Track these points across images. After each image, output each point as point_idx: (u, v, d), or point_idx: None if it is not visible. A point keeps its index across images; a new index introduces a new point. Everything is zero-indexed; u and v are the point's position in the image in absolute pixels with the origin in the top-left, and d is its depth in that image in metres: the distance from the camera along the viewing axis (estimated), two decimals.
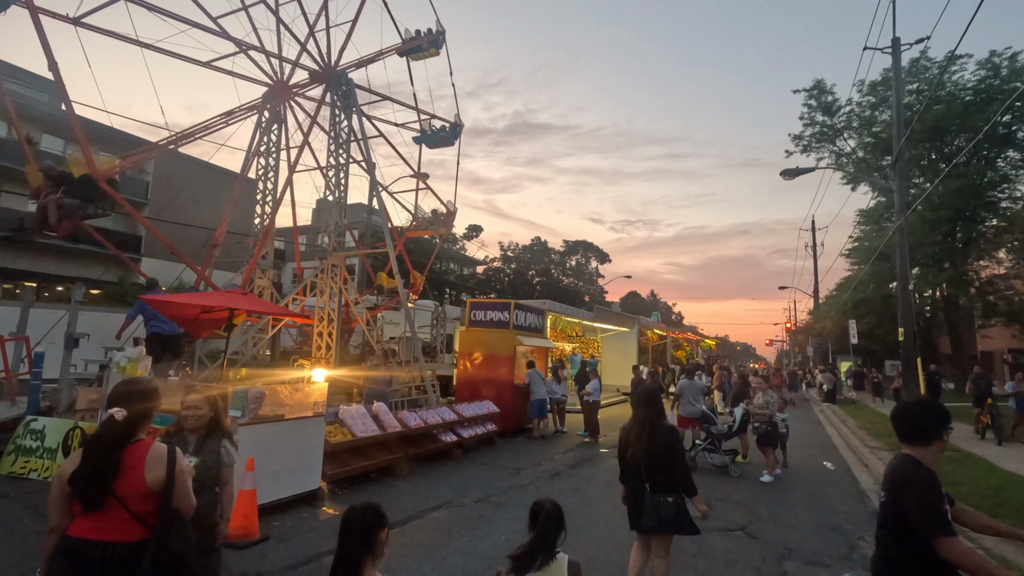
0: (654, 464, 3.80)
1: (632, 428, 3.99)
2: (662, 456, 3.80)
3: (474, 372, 12.40)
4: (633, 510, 3.92)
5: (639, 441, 3.85)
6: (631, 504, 3.95)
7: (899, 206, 15.03)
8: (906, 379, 14.50)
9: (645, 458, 3.80)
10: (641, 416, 3.97)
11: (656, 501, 3.75)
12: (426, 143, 17.92)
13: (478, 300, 12.85)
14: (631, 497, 3.95)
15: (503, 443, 11.29)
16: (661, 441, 3.83)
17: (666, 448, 3.83)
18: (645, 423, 3.91)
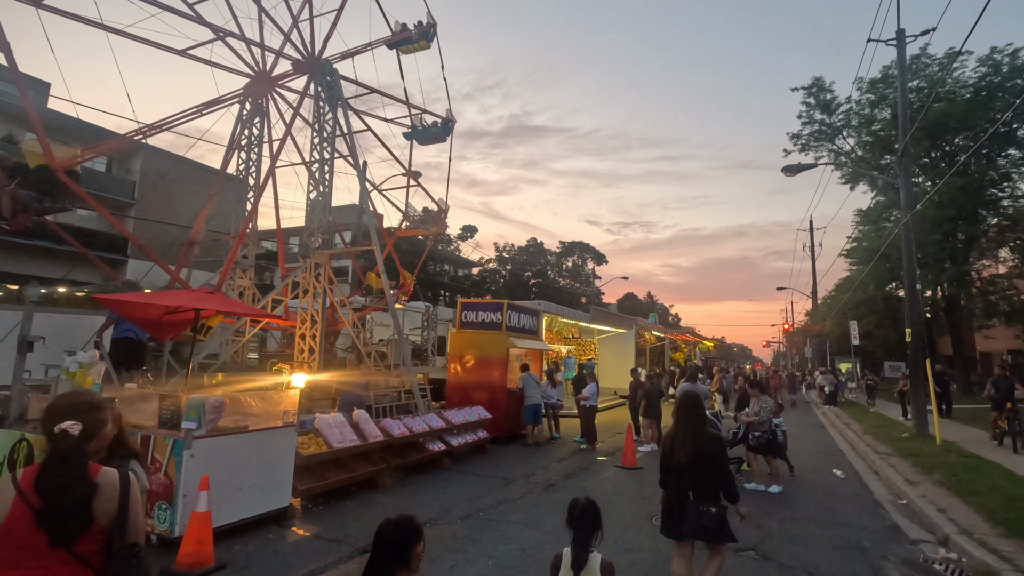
0: (698, 472, 3.80)
1: (677, 435, 3.97)
2: (707, 464, 3.82)
3: (465, 376, 11.84)
4: (672, 517, 3.89)
5: (684, 447, 3.84)
6: (671, 510, 3.92)
7: (905, 202, 14.56)
8: (913, 381, 14.01)
9: (689, 465, 3.80)
10: (685, 423, 3.97)
11: (698, 510, 3.74)
12: (417, 139, 17.37)
13: (470, 301, 12.30)
14: (671, 503, 3.93)
15: (496, 451, 10.72)
16: (707, 450, 3.84)
17: (711, 457, 3.85)
18: (689, 430, 3.91)
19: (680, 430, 3.96)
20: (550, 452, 10.92)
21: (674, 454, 3.90)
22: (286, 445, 5.87)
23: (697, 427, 3.93)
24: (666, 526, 3.94)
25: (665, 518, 3.97)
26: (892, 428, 15.45)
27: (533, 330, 13.37)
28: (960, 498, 7.56)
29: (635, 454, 9.88)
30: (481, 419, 10.33)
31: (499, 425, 11.34)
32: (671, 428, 4.11)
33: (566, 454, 10.81)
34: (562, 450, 11.20)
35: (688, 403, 4.07)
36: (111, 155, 30.91)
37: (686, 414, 4.01)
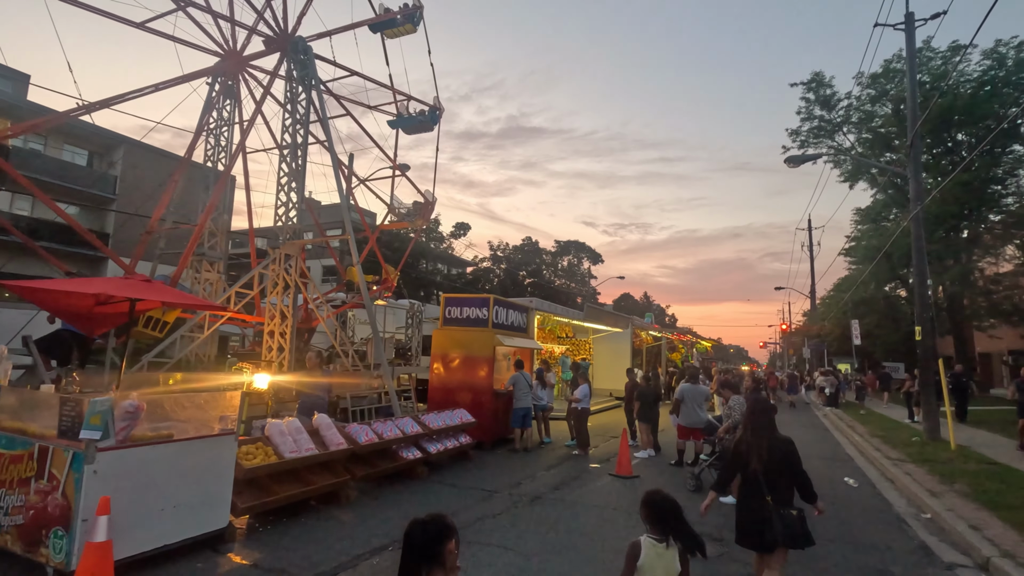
0: (776, 477, 3.77)
1: (751, 442, 3.92)
2: (784, 468, 3.81)
3: (449, 376, 11.01)
4: (752, 525, 3.79)
5: (759, 454, 3.81)
6: (750, 518, 3.81)
7: (915, 193, 13.83)
8: (924, 382, 13.26)
9: (766, 471, 3.77)
10: (757, 430, 3.95)
11: (782, 515, 3.68)
12: (402, 127, 16.55)
13: (454, 296, 11.48)
14: (751, 512, 3.83)
15: (480, 457, 9.90)
16: (782, 453, 3.83)
17: (787, 460, 3.84)
18: (763, 436, 3.89)
19: (753, 437, 3.92)
20: (539, 459, 10.11)
21: (749, 462, 3.84)
22: (224, 456, 5.03)
23: (771, 433, 3.94)
24: (746, 533, 3.83)
25: (744, 526, 3.86)
26: (900, 431, 14.71)
27: (523, 328, 12.56)
28: (992, 512, 6.79)
29: (631, 461, 9.07)
30: (464, 423, 9.51)
31: (485, 429, 10.52)
32: (740, 435, 4.08)
33: (556, 461, 10.00)
34: (552, 456, 10.39)
35: (759, 409, 4.06)
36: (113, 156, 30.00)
37: (758, 420, 3.99)
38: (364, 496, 6.99)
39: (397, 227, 16.01)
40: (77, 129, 26.84)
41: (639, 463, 10.08)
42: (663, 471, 9.44)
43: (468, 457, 9.60)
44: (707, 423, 8.40)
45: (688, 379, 10.40)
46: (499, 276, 45.16)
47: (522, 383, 10.66)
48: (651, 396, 11.03)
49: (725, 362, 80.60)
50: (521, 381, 10.68)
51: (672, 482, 8.55)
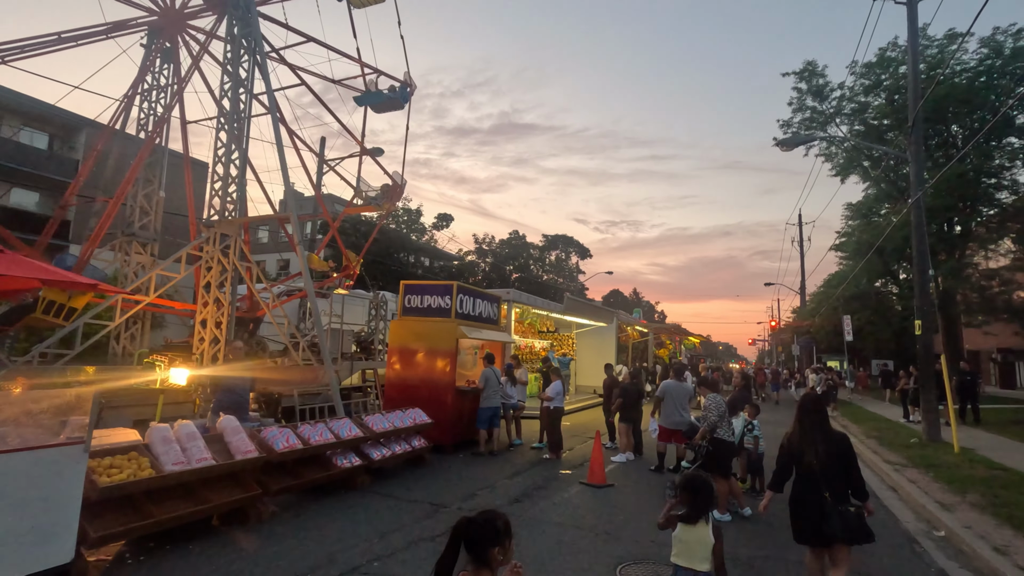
0: (833, 472, 3.75)
1: (802, 436, 3.94)
2: (840, 463, 3.79)
3: (407, 372, 9.93)
4: (809, 521, 3.78)
5: (814, 449, 3.81)
6: (807, 514, 3.80)
7: (915, 177, 12.92)
8: (923, 379, 12.39)
9: (823, 467, 3.75)
10: (809, 425, 3.95)
11: (839, 511, 3.68)
12: (370, 104, 15.36)
13: (414, 283, 10.38)
14: (806, 507, 3.81)
15: (438, 463, 8.83)
16: (839, 449, 3.83)
17: (843, 456, 3.83)
18: (817, 432, 3.89)
19: (806, 433, 3.92)
20: (504, 464, 9.06)
21: (803, 457, 3.85)
22: (66, 472, 3.92)
23: (825, 428, 3.94)
24: (802, 530, 3.84)
25: (801, 523, 3.86)
26: (896, 432, 13.83)
27: (492, 319, 11.49)
28: (1017, 531, 5.85)
29: (605, 467, 8.05)
30: (418, 424, 8.43)
31: (445, 430, 9.46)
32: (792, 431, 4.07)
33: (523, 466, 8.95)
34: (519, 461, 9.35)
35: (811, 406, 4.06)
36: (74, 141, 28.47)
37: (810, 417, 3.99)
38: (286, 512, 5.91)
39: (363, 211, 14.88)
40: (35, 110, 25.38)
41: (615, 468, 9.07)
42: (641, 479, 8.43)
43: (423, 463, 8.53)
44: (689, 425, 7.39)
45: (674, 375, 9.40)
46: (484, 270, 44.04)
47: (492, 380, 9.61)
48: (634, 394, 10.03)
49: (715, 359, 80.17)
50: (492, 378, 9.63)
51: (650, 492, 7.55)
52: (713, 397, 6.66)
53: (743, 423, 7.09)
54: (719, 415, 6.49)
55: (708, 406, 6.57)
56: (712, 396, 6.68)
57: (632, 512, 6.64)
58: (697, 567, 3.07)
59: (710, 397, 6.68)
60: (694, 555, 3.10)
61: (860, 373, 25.65)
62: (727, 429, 6.61)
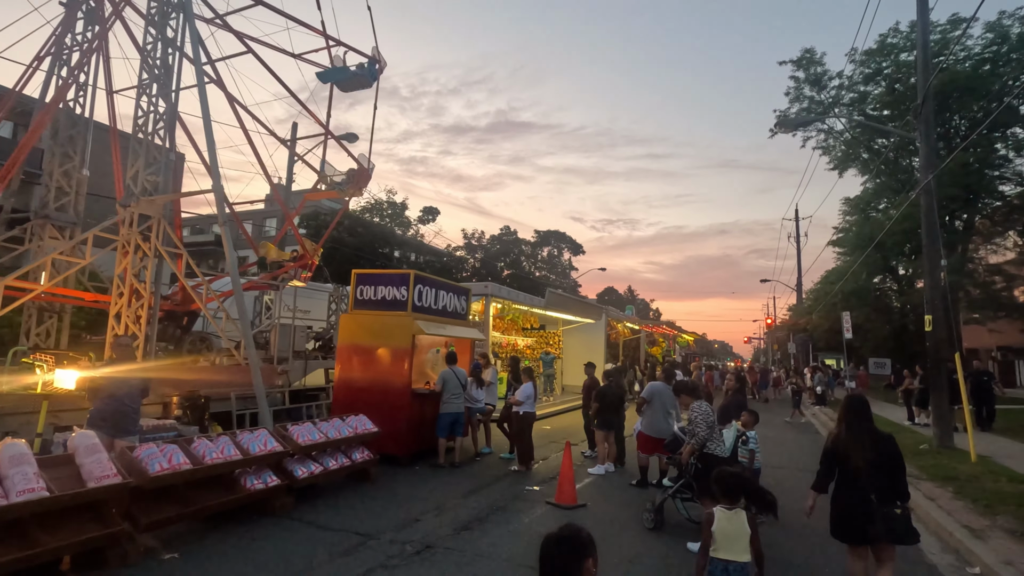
0: (880, 474, 3.70)
1: (849, 437, 3.85)
2: (888, 465, 3.75)
3: (357, 373, 8.77)
4: (854, 522, 3.72)
5: (863, 452, 3.73)
6: (852, 515, 3.73)
7: (925, 160, 11.84)
8: (934, 379, 11.32)
9: (870, 468, 3.70)
10: (858, 426, 3.87)
11: (884, 513, 3.62)
12: (335, 81, 14.18)
13: (366, 272, 9.22)
14: (851, 508, 3.73)
15: (387, 478, 7.68)
16: (887, 450, 3.79)
17: (893, 457, 3.79)
18: (865, 433, 3.84)
19: (853, 434, 3.84)
20: (464, 478, 7.91)
21: (849, 459, 3.77)
22: None
23: (872, 429, 3.88)
24: (845, 530, 3.78)
25: (844, 523, 3.78)
26: (903, 437, 12.74)
27: (460, 313, 10.34)
28: None
29: (579, 482, 6.91)
30: (361, 433, 7.28)
31: (399, 440, 8.32)
32: (838, 432, 3.97)
33: (486, 480, 7.81)
34: (484, 474, 8.20)
35: (857, 406, 3.97)
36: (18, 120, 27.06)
37: (858, 417, 3.90)
38: (170, 549, 4.75)
39: (325, 197, 13.71)
40: None
41: (591, 483, 7.95)
42: (619, 496, 7.31)
43: (367, 478, 7.38)
44: (673, 436, 6.26)
45: (664, 376, 8.26)
46: (474, 265, 42.86)
47: (453, 382, 8.45)
48: (613, 397, 8.91)
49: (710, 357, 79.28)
50: (452, 379, 8.47)
51: (628, 514, 6.43)
52: (699, 406, 5.53)
53: (735, 433, 5.97)
54: (708, 428, 5.37)
55: (695, 418, 5.45)
56: (698, 405, 5.55)
57: (604, 540, 5.52)
58: (737, 558, 3.22)
59: (696, 406, 5.55)
60: (734, 546, 3.25)
61: (860, 372, 24.59)
62: (718, 442, 5.50)
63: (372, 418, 8.11)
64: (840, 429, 3.94)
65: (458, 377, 8.42)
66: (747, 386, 18.52)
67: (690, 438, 5.49)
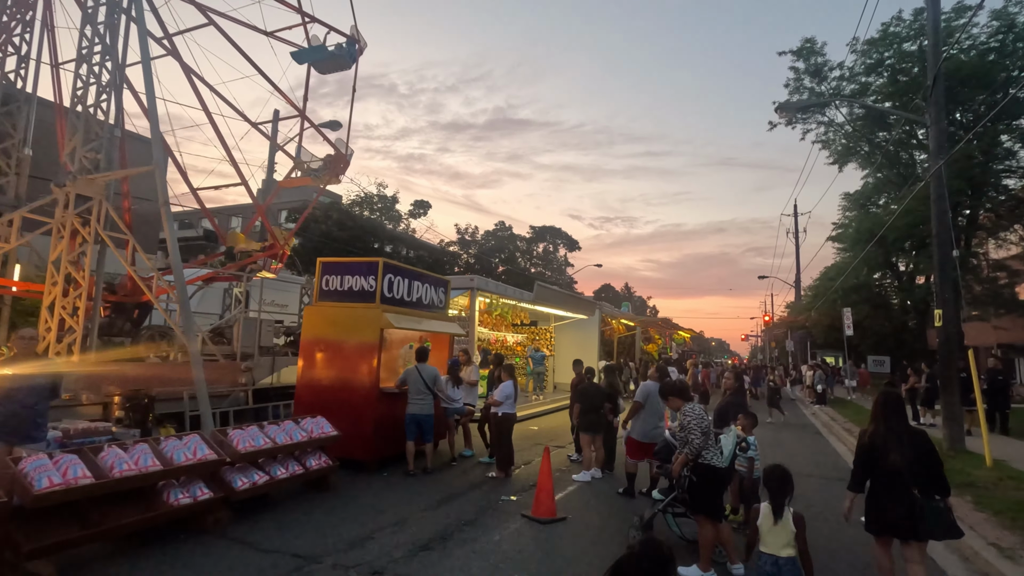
0: (918, 469, 3.69)
1: (887, 434, 3.83)
2: (925, 462, 3.72)
3: (321, 371, 8.03)
4: (899, 519, 3.66)
5: (901, 449, 3.73)
6: (896, 511, 3.67)
7: (935, 144, 11.14)
8: (944, 377, 10.62)
9: (910, 466, 3.69)
10: (895, 424, 3.87)
11: (932, 507, 3.63)
12: (312, 62, 13.41)
13: (333, 260, 8.50)
14: (894, 505, 3.69)
15: (350, 486, 6.96)
16: (925, 448, 3.77)
17: (930, 453, 3.76)
18: (903, 431, 3.84)
19: (891, 431, 3.83)
20: (435, 486, 7.19)
21: (888, 456, 3.74)
22: None
23: (907, 426, 3.90)
24: (885, 526, 3.77)
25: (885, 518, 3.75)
26: None
27: (437, 306, 9.61)
28: None
29: (562, 491, 6.19)
30: (317, 438, 6.55)
31: (366, 444, 7.59)
32: (874, 429, 3.93)
33: (459, 489, 7.09)
34: (457, 482, 7.48)
35: (892, 403, 3.99)
36: None
37: (895, 414, 3.93)
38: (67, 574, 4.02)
39: (300, 184, 12.95)
40: None
41: (575, 491, 7.24)
42: (605, 506, 6.60)
43: (327, 487, 6.65)
44: (664, 442, 5.54)
45: (655, 374, 7.55)
46: (468, 261, 42.10)
47: (415, 380, 7.70)
48: (594, 396, 8.20)
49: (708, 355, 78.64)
50: (413, 378, 7.72)
51: (612, 528, 5.73)
52: (692, 409, 4.80)
53: (734, 439, 5.26)
54: (703, 434, 4.65)
55: (687, 423, 4.72)
56: (691, 407, 4.83)
57: (584, 558, 4.82)
58: (783, 553, 3.28)
59: (688, 409, 4.83)
60: (780, 543, 3.32)
61: (862, 370, 23.88)
62: (714, 450, 4.78)
63: (336, 420, 7.39)
64: (877, 426, 3.91)
65: (422, 376, 7.64)
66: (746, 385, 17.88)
67: (683, 446, 4.76)
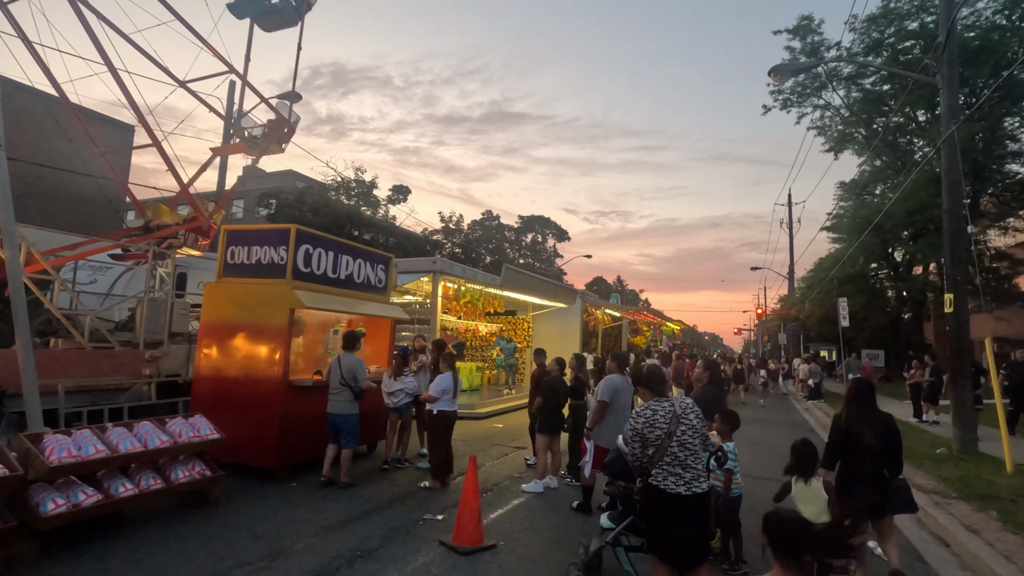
0: (886, 450, 3.99)
1: (860, 418, 4.08)
2: (893, 443, 4.04)
3: (221, 360, 6.68)
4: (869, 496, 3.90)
5: (874, 431, 3.99)
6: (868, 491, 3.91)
7: (947, 108, 9.87)
8: (956, 369, 9.40)
9: (880, 445, 3.97)
10: (867, 408, 4.12)
11: (897, 485, 3.97)
12: (253, 17, 11.96)
13: (239, 228, 7.14)
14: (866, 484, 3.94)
15: (244, 499, 5.65)
16: (892, 428, 4.07)
17: (896, 435, 4.08)
18: (874, 414, 4.09)
19: (864, 415, 4.08)
20: (346, 502, 5.86)
21: (862, 439, 3.98)
22: None
23: (876, 410, 4.14)
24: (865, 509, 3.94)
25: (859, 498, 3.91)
26: (913, 438, 10.90)
27: (375, 286, 8.25)
28: None
29: (480, 519, 4.88)
30: (186, 443, 5.20)
31: (269, 448, 6.27)
32: (848, 413, 4.17)
33: (376, 505, 5.78)
34: (379, 495, 6.16)
35: (863, 389, 4.24)
36: None
37: (866, 399, 4.16)
38: None
39: (238, 152, 11.53)
40: None
41: (523, 505, 5.97)
42: (553, 526, 5.31)
43: (205, 503, 5.32)
44: (616, 451, 4.23)
45: (615, 366, 6.22)
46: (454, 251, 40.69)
47: (333, 372, 6.36)
48: (561, 392, 6.92)
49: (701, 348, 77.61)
50: (332, 369, 6.38)
51: (558, 556, 4.44)
52: (644, 409, 3.48)
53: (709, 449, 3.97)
54: (639, 441, 3.36)
55: (636, 428, 3.41)
56: (643, 407, 3.50)
57: None
58: (819, 520, 3.40)
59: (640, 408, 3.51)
60: (810, 510, 3.52)
61: (866, 364, 22.45)
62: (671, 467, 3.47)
63: (238, 419, 6.11)
64: (850, 410, 4.14)
65: (342, 367, 6.29)
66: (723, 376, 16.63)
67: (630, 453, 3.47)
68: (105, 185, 11.10)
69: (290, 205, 30.67)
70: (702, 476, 3.33)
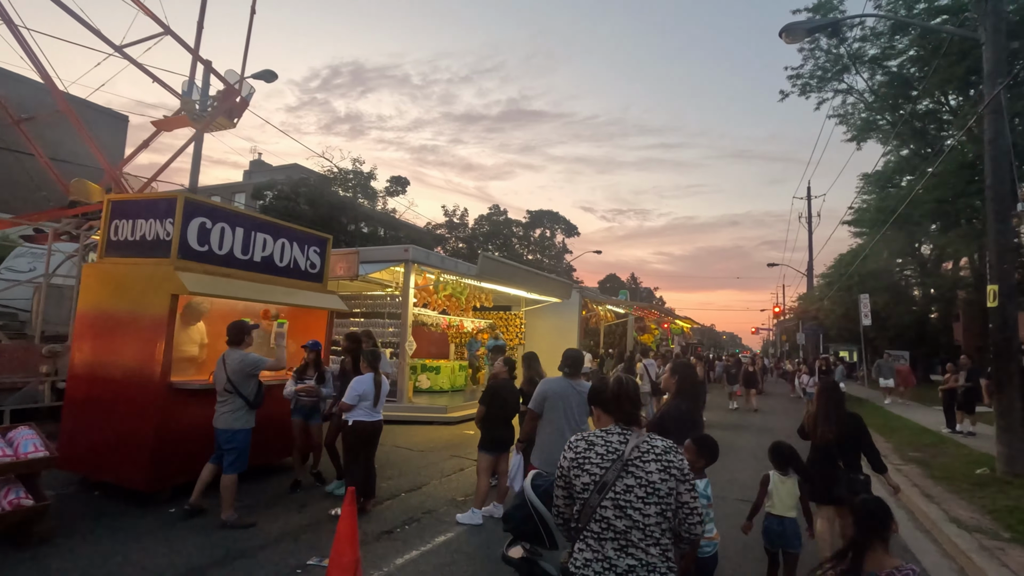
0: (847, 447, 4.21)
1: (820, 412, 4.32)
2: (852, 442, 4.23)
3: (96, 356, 5.52)
4: (822, 484, 4.09)
5: (827, 425, 4.20)
6: (822, 480, 4.09)
7: (991, 66, 8.30)
8: (999, 373, 7.85)
9: (838, 441, 4.18)
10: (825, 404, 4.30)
11: (849, 477, 4.12)
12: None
13: (122, 198, 6.01)
14: (821, 475, 4.10)
15: (90, 529, 4.50)
16: (851, 430, 4.21)
17: (856, 436, 4.23)
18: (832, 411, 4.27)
19: (823, 410, 4.28)
20: (217, 538, 4.64)
21: (816, 430, 4.25)
22: None
23: (838, 409, 4.29)
24: (817, 492, 4.08)
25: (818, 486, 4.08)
26: (946, 453, 9.35)
27: (307, 271, 7.03)
28: None
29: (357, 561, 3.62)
30: (17, 460, 4.03)
31: (143, 465, 5.08)
32: (812, 408, 4.47)
33: (253, 543, 4.55)
34: (265, 528, 4.94)
35: (830, 389, 4.44)
36: None
37: (828, 396, 4.34)
38: None
39: (182, 125, 10.42)
40: None
41: (451, 541, 4.71)
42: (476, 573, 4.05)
43: (30, 540, 4.16)
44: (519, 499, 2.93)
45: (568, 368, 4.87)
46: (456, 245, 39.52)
47: (220, 377, 5.10)
48: (509, 400, 5.64)
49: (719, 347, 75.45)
50: (219, 373, 5.12)
51: None
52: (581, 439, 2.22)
53: None
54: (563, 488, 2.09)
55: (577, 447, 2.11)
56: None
57: None
58: (787, 514, 3.72)
59: None
60: (785, 504, 3.75)
61: (901, 367, 20.28)
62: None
63: (111, 427, 4.96)
64: (818, 407, 4.38)
65: (227, 368, 5.02)
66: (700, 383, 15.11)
67: None
68: (24, 160, 10.11)
69: (285, 197, 29.74)
70: (655, 569, 1.95)
